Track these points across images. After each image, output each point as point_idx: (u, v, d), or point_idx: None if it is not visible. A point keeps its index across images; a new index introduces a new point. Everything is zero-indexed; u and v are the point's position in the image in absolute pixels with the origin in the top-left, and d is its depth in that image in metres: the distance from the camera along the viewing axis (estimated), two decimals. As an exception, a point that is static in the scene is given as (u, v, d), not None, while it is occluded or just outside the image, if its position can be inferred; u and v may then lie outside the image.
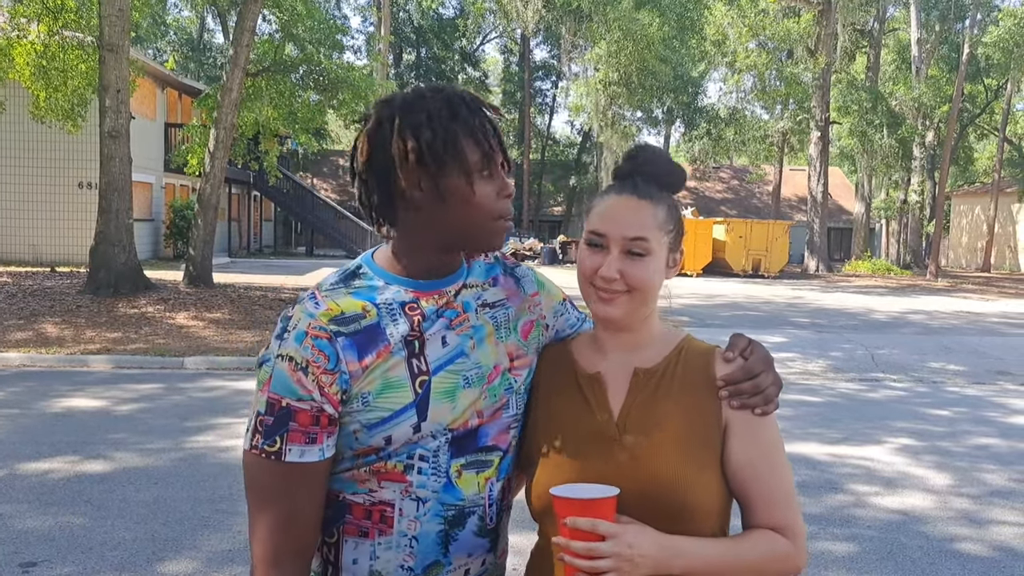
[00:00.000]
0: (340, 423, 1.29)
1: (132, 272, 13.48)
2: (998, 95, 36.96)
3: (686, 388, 1.35)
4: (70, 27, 14.55)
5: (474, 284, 1.42)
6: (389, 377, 1.29)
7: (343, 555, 1.35)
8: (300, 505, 1.28)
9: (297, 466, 1.26)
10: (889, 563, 4.27)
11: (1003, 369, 10.66)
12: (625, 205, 1.34)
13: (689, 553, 1.25)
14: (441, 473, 1.34)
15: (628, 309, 1.34)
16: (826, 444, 6.66)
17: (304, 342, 1.25)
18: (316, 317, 1.27)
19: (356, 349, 1.28)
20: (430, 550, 1.35)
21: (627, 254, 1.32)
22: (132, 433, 6.50)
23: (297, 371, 1.25)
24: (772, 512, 1.32)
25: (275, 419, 1.25)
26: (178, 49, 45.52)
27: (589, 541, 1.18)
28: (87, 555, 4.12)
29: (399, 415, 1.29)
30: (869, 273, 30.96)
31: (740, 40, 30.71)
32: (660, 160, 1.40)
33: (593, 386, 1.38)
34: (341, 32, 21.11)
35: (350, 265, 1.39)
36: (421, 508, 1.33)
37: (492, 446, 1.38)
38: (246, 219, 32.51)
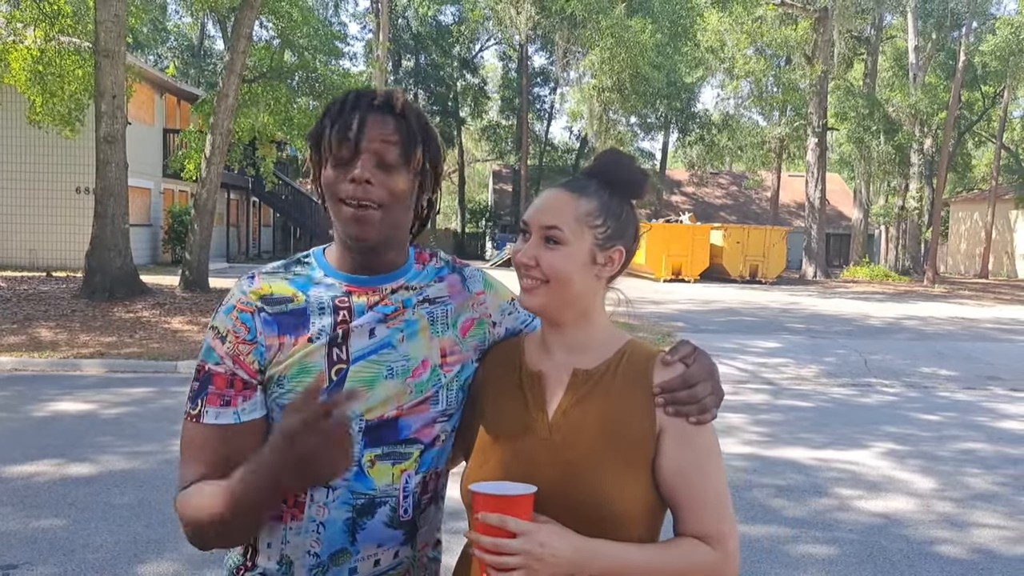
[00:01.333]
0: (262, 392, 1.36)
1: (128, 277, 13.51)
2: (995, 102, 37.02)
3: (624, 391, 1.35)
4: (66, 32, 14.62)
5: (417, 286, 1.44)
6: (305, 363, 1.35)
7: (260, 537, 1.40)
8: (217, 464, 1.32)
9: (214, 428, 1.34)
10: (869, 565, 4.28)
11: (993, 374, 10.67)
12: (549, 196, 1.38)
13: (607, 556, 1.24)
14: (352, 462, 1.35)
15: (546, 300, 1.35)
16: (814, 448, 6.68)
17: (231, 314, 1.37)
18: (247, 293, 1.38)
19: (276, 326, 1.36)
20: (337, 537, 1.37)
21: (544, 242, 1.34)
22: (120, 437, 6.52)
23: (216, 339, 1.36)
24: (701, 520, 1.31)
25: (199, 384, 1.36)
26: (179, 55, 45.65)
27: (500, 537, 1.19)
28: (68, 557, 4.13)
29: None
30: (867, 279, 30.98)
31: (738, 47, 30.79)
32: (613, 162, 1.42)
33: (533, 384, 1.39)
34: (338, 39, 21.20)
35: (300, 254, 1.47)
36: (331, 495, 1.36)
37: (413, 439, 1.40)
38: (245, 224, 32.55)
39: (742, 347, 12.24)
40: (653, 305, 18.26)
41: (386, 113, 1.35)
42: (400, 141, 1.35)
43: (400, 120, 1.36)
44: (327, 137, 1.35)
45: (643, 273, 28.28)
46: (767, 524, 4.83)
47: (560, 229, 1.34)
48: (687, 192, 46.25)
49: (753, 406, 8.31)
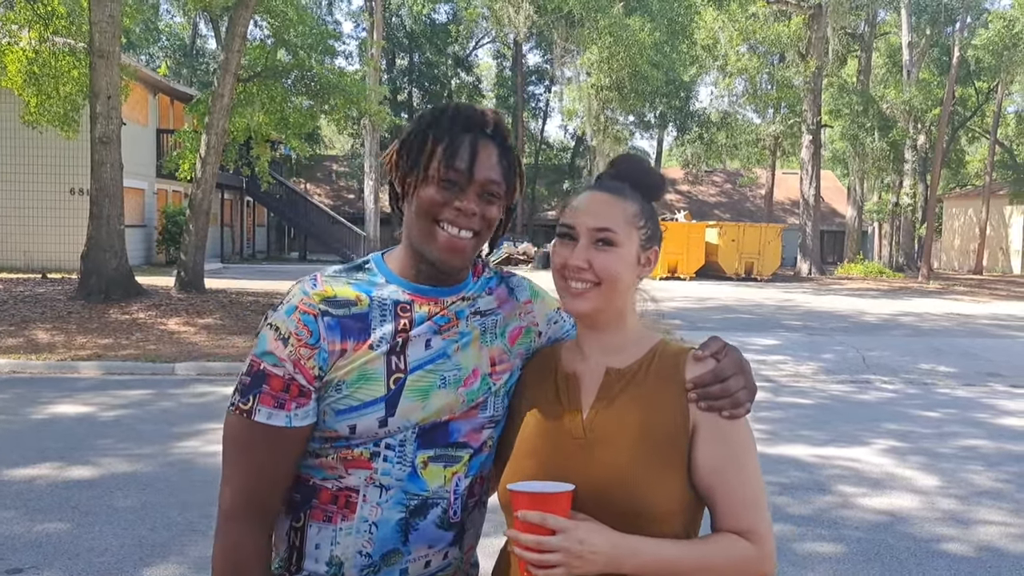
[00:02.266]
0: (316, 400, 1.35)
1: (123, 278, 13.45)
2: (989, 98, 37.13)
3: (657, 389, 1.36)
4: (61, 33, 14.54)
5: (471, 296, 1.46)
6: (366, 369, 1.35)
7: (307, 540, 1.39)
8: (264, 466, 1.34)
9: (264, 427, 1.33)
10: (876, 564, 4.28)
11: (993, 371, 10.69)
12: (594, 199, 1.39)
13: (644, 553, 1.25)
14: (406, 463, 1.37)
15: (597, 304, 1.36)
16: (815, 446, 6.68)
17: (292, 315, 1.34)
18: (309, 295, 1.36)
19: (340, 330, 1.35)
20: (389, 537, 1.37)
21: (594, 244, 1.35)
22: (120, 439, 6.49)
23: (278, 340, 1.33)
24: (738, 516, 1.32)
25: (251, 379, 1.34)
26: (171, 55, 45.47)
27: (540, 535, 1.20)
28: (74, 561, 4.11)
29: (367, 407, 1.34)
30: (861, 276, 31.04)
31: (731, 44, 30.81)
32: (638, 166, 1.45)
33: (568, 385, 1.41)
34: (333, 37, 21.12)
35: (359, 259, 1.47)
36: (384, 495, 1.37)
37: (463, 443, 1.41)
38: (239, 224, 32.47)
39: (740, 345, 12.17)
40: (650, 303, 18.23)
41: (495, 142, 1.38)
42: (505, 175, 1.38)
43: (504, 150, 1.39)
44: (435, 156, 1.35)
45: (639, 271, 28.28)
46: (773, 522, 4.82)
47: (613, 231, 1.36)
48: (682, 190, 46.28)
49: (753, 403, 8.29)
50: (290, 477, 1.38)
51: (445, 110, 1.38)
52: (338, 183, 44.60)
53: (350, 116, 23.24)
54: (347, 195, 43.11)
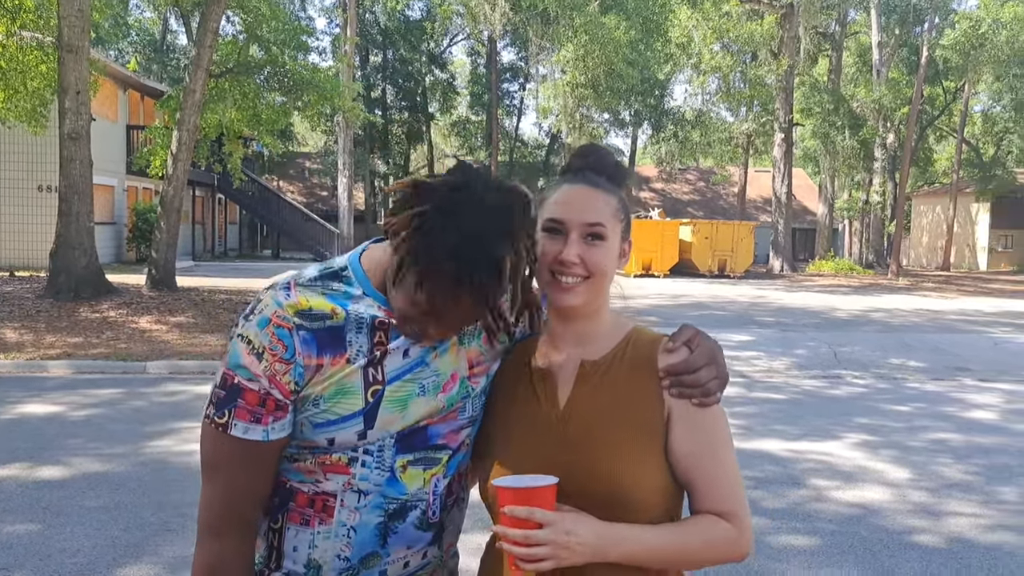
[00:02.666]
0: (293, 412, 1.32)
1: (93, 276, 13.27)
2: (956, 97, 37.68)
3: (631, 378, 1.38)
4: (28, 27, 14.31)
5: None
6: (343, 384, 1.31)
7: (285, 541, 1.38)
8: (243, 479, 1.32)
9: (241, 441, 1.30)
10: (850, 556, 4.33)
11: (961, 365, 10.87)
12: (582, 194, 1.39)
13: (628, 540, 1.27)
14: (385, 468, 1.35)
15: (586, 298, 1.37)
16: (788, 440, 6.75)
17: (266, 328, 1.29)
18: (283, 307, 1.30)
19: (316, 344, 1.30)
20: (368, 541, 1.36)
21: (585, 239, 1.36)
22: (91, 439, 6.40)
23: (251, 354, 1.29)
24: (715, 498, 1.34)
25: (226, 393, 1.31)
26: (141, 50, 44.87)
27: (527, 529, 1.21)
28: (45, 562, 4.05)
29: (346, 420, 1.32)
30: (832, 273, 31.39)
31: (705, 42, 30.99)
32: (608, 158, 1.45)
33: (543, 379, 1.41)
34: (306, 33, 20.94)
35: (336, 263, 1.39)
36: (362, 500, 1.35)
37: (442, 444, 1.40)
38: (211, 222, 32.14)
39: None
40: (623, 300, 18.30)
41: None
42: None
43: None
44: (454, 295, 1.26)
45: (613, 268, 28.39)
46: (748, 516, 4.87)
47: (604, 226, 1.37)
48: (656, 188, 46.52)
49: (727, 399, 8.29)
50: (269, 487, 1.36)
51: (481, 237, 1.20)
52: (311, 180, 44.31)
53: (323, 113, 23.11)
54: (320, 192, 42.84)
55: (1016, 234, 40.50)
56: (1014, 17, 28.84)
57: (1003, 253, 40.79)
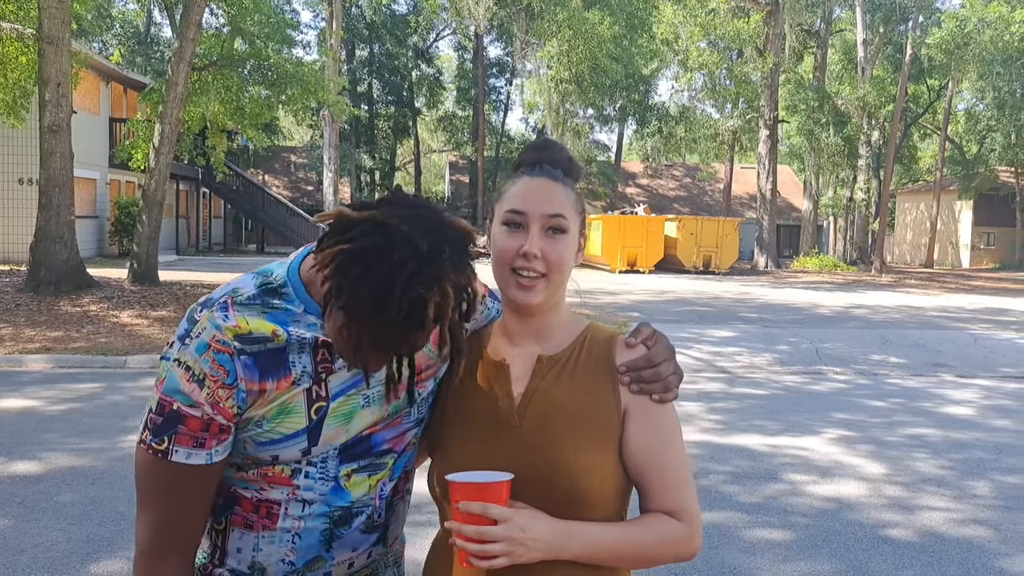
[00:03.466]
0: (235, 432, 1.29)
1: (74, 270, 13.18)
2: (940, 95, 37.95)
3: (587, 374, 1.37)
4: (8, 18, 14.17)
5: None
6: (286, 404, 1.29)
7: (229, 542, 1.37)
8: (184, 504, 1.28)
9: (182, 467, 1.25)
10: (824, 549, 4.37)
11: (941, 361, 10.96)
12: (543, 186, 1.37)
13: (582, 537, 1.27)
14: (329, 478, 1.34)
15: (546, 294, 1.35)
16: (767, 435, 6.79)
17: (205, 354, 1.24)
18: (222, 331, 1.24)
19: (257, 369, 1.26)
20: (312, 547, 1.35)
21: (546, 232, 1.34)
22: (68, 433, 6.36)
23: (192, 381, 1.23)
24: (668, 496, 1.34)
25: (164, 420, 1.25)
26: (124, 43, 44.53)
27: (481, 525, 1.20)
28: (18, 557, 4.02)
29: (289, 439, 1.30)
30: (817, 269, 31.56)
31: (691, 39, 31.06)
32: (563, 152, 1.44)
33: (498, 373, 1.39)
34: (291, 27, 20.89)
35: (274, 278, 1.31)
36: (307, 509, 1.34)
37: (387, 450, 1.39)
38: (195, 216, 31.97)
39: (697, 337, 12.38)
40: (609, 296, 18.38)
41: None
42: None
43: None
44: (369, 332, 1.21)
45: (599, 264, 28.45)
46: (722, 510, 4.90)
47: (565, 218, 1.36)
48: (641, 184, 46.61)
49: (708, 394, 8.41)
50: (210, 508, 1.33)
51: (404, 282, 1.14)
52: (297, 175, 44.15)
53: (308, 107, 22.98)
54: (306, 187, 42.69)
55: (998, 232, 40.86)
56: (998, 17, 29.05)
57: (985, 250, 41.14)
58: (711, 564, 4.11)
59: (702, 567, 4.07)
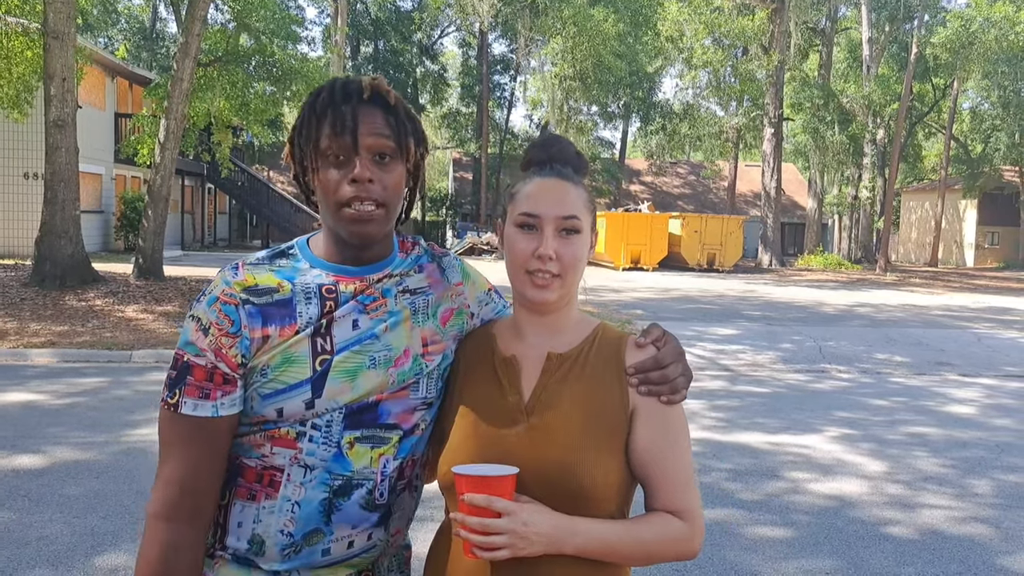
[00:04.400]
0: (242, 387, 1.34)
1: (79, 264, 13.21)
2: (945, 94, 37.84)
3: (596, 373, 1.39)
4: (13, 13, 14.19)
5: (399, 273, 1.45)
6: (290, 352, 1.34)
7: (231, 517, 1.39)
8: (195, 460, 1.33)
9: (191, 419, 1.32)
10: (825, 546, 4.38)
11: (944, 360, 10.95)
12: (555, 186, 1.38)
13: (584, 533, 1.28)
14: (332, 443, 1.36)
15: (561, 292, 1.37)
16: (768, 433, 6.80)
17: (213, 306, 1.34)
18: (231, 284, 1.35)
19: (261, 318, 1.34)
20: (312, 517, 1.37)
21: (560, 234, 1.36)
22: (73, 427, 6.39)
23: (199, 331, 1.33)
24: (672, 496, 1.36)
25: (176, 372, 1.34)
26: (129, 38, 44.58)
27: (486, 517, 1.22)
28: (22, 549, 4.05)
29: (293, 389, 1.33)
30: (821, 268, 31.53)
31: (696, 37, 31.01)
32: (570, 148, 1.45)
33: (508, 368, 1.41)
34: (296, 23, 20.86)
35: (283, 245, 1.45)
36: (308, 475, 1.36)
37: (393, 424, 1.40)
38: (200, 212, 32.01)
39: (700, 334, 12.39)
40: (613, 293, 18.40)
41: (376, 106, 1.36)
42: (393, 135, 1.35)
43: (390, 113, 1.36)
44: (317, 134, 1.34)
45: (602, 262, 28.45)
46: (724, 507, 4.92)
47: (579, 219, 1.37)
48: (645, 181, 46.55)
49: (711, 392, 8.42)
50: (222, 472, 1.37)
51: (321, 89, 1.37)
52: (301, 171, 44.08)
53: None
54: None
55: (1002, 231, 40.76)
56: (1004, 16, 28.98)
57: (989, 250, 41.06)
58: (713, 562, 4.13)
59: (704, 565, 4.08)
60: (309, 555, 1.38)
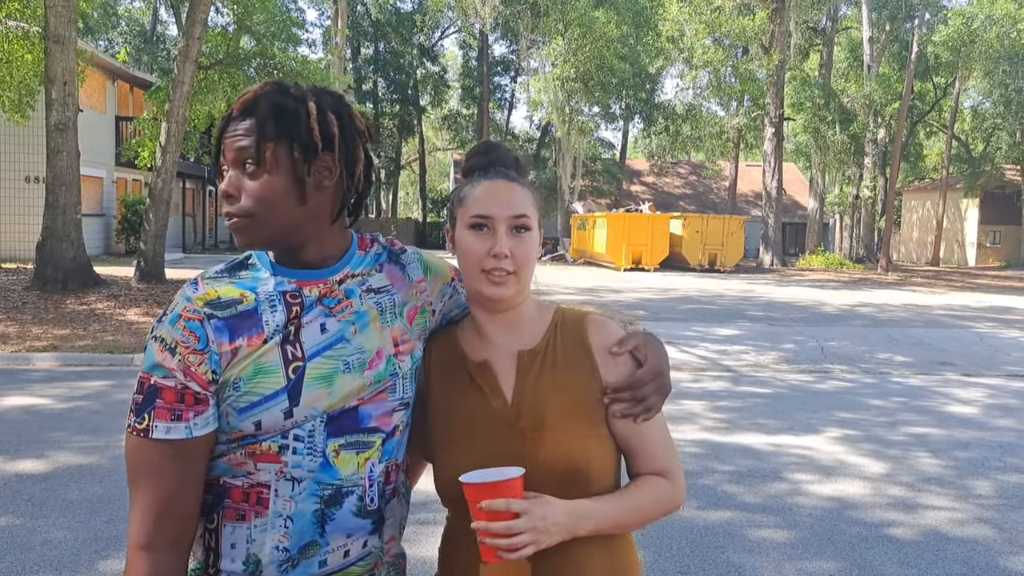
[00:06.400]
0: (215, 405, 1.32)
1: (81, 268, 13.24)
2: (946, 93, 37.83)
3: (568, 361, 1.45)
4: (14, 17, 14.23)
5: (360, 273, 1.44)
6: (261, 363, 1.31)
7: (223, 540, 1.37)
8: (172, 485, 1.29)
9: (165, 443, 1.28)
10: (828, 548, 4.38)
11: (946, 360, 10.94)
12: (504, 187, 1.43)
13: (594, 514, 1.36)
14: (317, 453, 1.35)
15: (516, 288, 1.41)
16: (770, 434, 6.80)
17: (177, 324, 1.30)
18: (192, 300, 1.32)
19: (228, 331, 1.31)
20: (306, 530, 1.36)
21: (512, 231, 1.40)
22: (75, 431, 6.40)
23: (165, 351, 1.29)
24: (656, 459, 1.45)
25: (144, 397, 1.29)
26: (130, 41, 44.65)
27: (505, 520, 1.26)
28: (26, 554, 4.06)
29: (269, 400, 1.31)
30: (822, 267, 31.52)
31: (697, 37, 31.02)
32: (509, 153, 1.51)
33: (483, 374, 1.45)
34: (296, 25, 20.90)
35: (241, 255, 1.41)
36: (296, 488, 1.35)
37: (374, 427, 1.40)
38: (201, 214, 32.05)
39: (702, 335, 12.38)
40: (614, 294, 18.40)
41: (245, 116, 1.33)
42: (254, 143, 1.31)
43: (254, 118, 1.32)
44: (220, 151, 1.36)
45: (603, 262, 28.45)
46: (726, 509, 4.91)
47: (529, 217, 1.42)
48: (647, 182, 46.55)
49: (712, 393, 8.42)
50: (199, 494, 1.33)
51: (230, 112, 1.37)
52: (302, 173, 44.10)
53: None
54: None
55: (1004, 230, 40.75)
56: (1005, 14, 28.96)
57: (991, 249, 41.03)
58: (716, 563, 4.12)
59: (707, 567, 4.08)
60: (306, 568, 1.36)
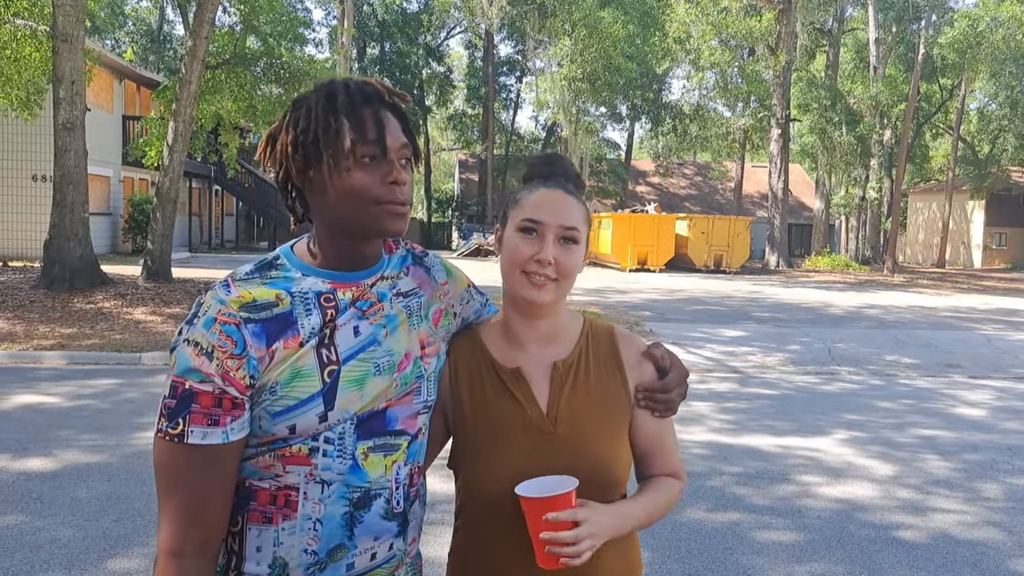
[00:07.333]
0: (249, 409, 1.31)
1: (88, 267, 13.26)
2: (952, 95, 37.73)
3: (600, 372, 1.52)
4: (22, 16, 14.26)
5: (390, 276, 1.45)
6: (298, 366, 1.31)
7: (247, 543, 1.36)
8: (205, 491, 1.28)
9: (200, 449, 1.26)
10: (838, 551, 4.37)
11: (953, 362, 10.91)
12: (559, 198, 1.46)
13: (633, 515, 1.47)
14: (347, 455, 1.35)
15: (555, 296, 1.45)
16: (778, 436, 6.78)
17: (212, 328, 1.27)
18: (227, 303, 1.29)
19: (265, 335, 1.29)
20: (335, 533, 1.36)
21: (559, 242, 1.44)
22: (84, 429, 6.41)
23: (201, 355, 1.26)
24: (669, 463, 1.57)
25: (178, 401, 1.26)
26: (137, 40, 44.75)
27: (568, 529, 1.33)
28: (35, 553, 4.06)
29: (305, 404, 1.31)
30: (828, 269, 31.44)
31: (703, 38, 30.98)
32: (572, 167, 1.55)
33: (517, 382, 1.49)
34: (303, 25, 20.95)
35: (268, 256, 1.40)
36: (326, 491, 1.34)
37: (400, 430, 1.41)
38: (207, 213, 32.09)
39: (709, 336, 12.37)
40: (619, 295, 18.38)
41: (392, 111, 1.37)
42: (411, 141, 1.37)
43: (401, 117, 1.38)
44: (338, 135, 1.31)
45: (609, 263, 28.42)
46: (735, 511, 4.90)
47: (579, 230, 1.46)
48: (652, 182, 46.51)
49: (719, 394, 8.41)
50: (230, 499, 1.33)
51: (335, 90, 1.34)
52: (308, 172, 44.14)
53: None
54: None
55: (1010, 232, 40.63)
56: (1011, 16, 28.88)
57: (997, 251, 40.91)
58: (725, 565, 4.12)
59: (716, 569, 4.07)
60: (334, 571, 1.36)
